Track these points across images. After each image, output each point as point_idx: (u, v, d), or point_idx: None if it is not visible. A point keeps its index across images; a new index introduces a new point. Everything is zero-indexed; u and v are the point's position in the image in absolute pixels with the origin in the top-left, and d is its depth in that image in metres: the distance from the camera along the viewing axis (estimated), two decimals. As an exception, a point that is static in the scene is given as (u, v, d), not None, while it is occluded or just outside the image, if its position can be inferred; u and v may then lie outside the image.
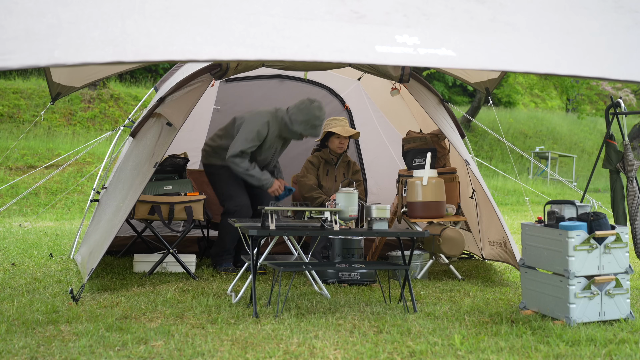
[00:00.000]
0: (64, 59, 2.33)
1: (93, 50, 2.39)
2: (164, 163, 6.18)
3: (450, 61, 2.74)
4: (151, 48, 2.46)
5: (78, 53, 2.37)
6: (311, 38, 2.67)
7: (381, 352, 3.75)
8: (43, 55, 2.33)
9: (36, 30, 2.42)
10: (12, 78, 17.93)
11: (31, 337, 3.93)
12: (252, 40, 2.57)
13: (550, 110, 26.91)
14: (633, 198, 5.15)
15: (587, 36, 3.06)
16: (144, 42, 2.47)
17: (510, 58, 2.86)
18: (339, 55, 2.60)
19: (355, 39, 2.71)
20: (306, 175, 6.56)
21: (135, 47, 2.44)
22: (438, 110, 6.01)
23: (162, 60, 2.45)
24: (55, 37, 2.40)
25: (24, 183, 12.04)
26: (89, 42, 2.41)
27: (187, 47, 2.49)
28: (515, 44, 2.93)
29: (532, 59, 2.85)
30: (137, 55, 2.43)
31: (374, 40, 2.70)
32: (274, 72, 7.17)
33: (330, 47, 2.64)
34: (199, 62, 2.49)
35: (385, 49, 2.66)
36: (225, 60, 2.52)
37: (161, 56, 2.45)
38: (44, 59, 2.32)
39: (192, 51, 2.49)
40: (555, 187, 17.04)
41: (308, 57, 2.55)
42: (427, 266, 6.19)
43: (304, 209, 4.96)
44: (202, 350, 3.74)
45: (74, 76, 5.78)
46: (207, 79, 5.64)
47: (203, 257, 6.86)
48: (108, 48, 2.41)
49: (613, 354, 3.74)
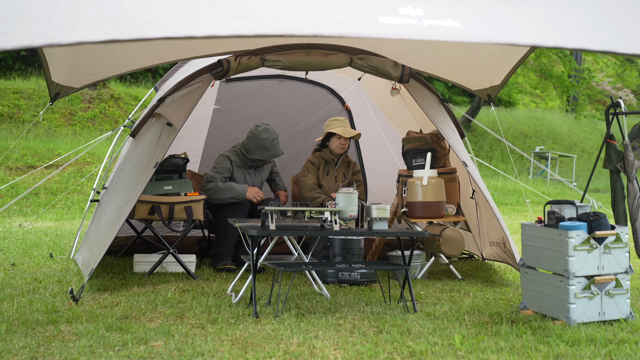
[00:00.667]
0: (58, 39, 2.30)
1: (88, 29, 2.35)
2: (164, 163, 6.18)
3: (454, 33, 2.66)
4: (148, 24, 2.41)
5: (73, 32, 2.33)
6: (312, 9, 2.59)
7: (381, 352, 3.75)
8: (37, 35, 2.30)
9: (30, 10, 2.38)
10: (12, 78, 17.93)
11: (31, 337, 3.93)
12: (251, 13, 2.51)
13: (550, 110, 26.90)
14: (634, 198, 5.15)
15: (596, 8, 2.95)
16: (141, 18, 2.42)
17: (516, 30, 2.76)
18: (341, 27, 2.52)
19: (358, 10, 2.63)
20: (306, 175, 6.57)
21: (131, 23, 2.40)
22: (438, 111, 6.01)
23: (159, 37, 2.40)
24: (50, 16, 2.36)
25: (24, 183, 12.04)
26: (84, 21, 2.37)
27: (184, 22, 2.44)
28: (522, 16, 2.83)
29: (538, 32, 2.75)
30: (132, 32, 2.38)
31: (377, 12, 2.63)
32: (274, 72, 7.17)
33: (332, 19, 2.57)
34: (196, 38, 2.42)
35: (388, 20, 2.59)
36: (224, 36, 2.46)
37: (158, 32, 2.40)
38: (38, 39, 2.29)
39: (189, 26, 2.43)
40: (555, 187, 17.03)
41: (309, 31, 2.48)
42: (427, 266, 6.19)
43: (304, 209, 4.96)
44: (202, 350, 3.74)
45: (73, 76, 5.77)
46: (208, 78, 5.64)
47: (203, 257, 6.86)
48: (103, 26, 2.37)
49: (613, 354, 3.74)
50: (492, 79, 6.29)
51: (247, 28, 2.46)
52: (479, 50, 5.96)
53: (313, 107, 7.59)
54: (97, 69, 5.86)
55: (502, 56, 5.94)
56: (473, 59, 6.09)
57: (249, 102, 7.47)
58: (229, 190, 6.26)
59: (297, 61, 5.61)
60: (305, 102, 7.59)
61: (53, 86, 5.74)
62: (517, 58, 5.91)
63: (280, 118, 7.52)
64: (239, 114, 7.42)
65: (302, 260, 5.17)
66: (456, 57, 6.09)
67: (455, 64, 6.23)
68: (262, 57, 5.55)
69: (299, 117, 7.58)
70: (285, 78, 7.44)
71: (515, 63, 5.99)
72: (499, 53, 5.92)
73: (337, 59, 5.67)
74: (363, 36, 2.60)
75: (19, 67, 18.80)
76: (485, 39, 2.76)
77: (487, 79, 6.31)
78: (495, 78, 6.28)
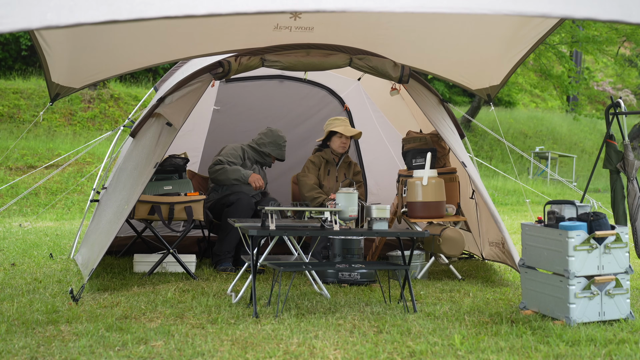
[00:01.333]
0: (56, 21, 2.28)
1: (86, 10, 2.33)
2: (164, 163, 6.18)
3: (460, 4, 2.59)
4: (146, 4, 2.39)
5: (71, 14, 2.31)
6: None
7: (381, 352, 3.75)
8: (35, 18, 2.28)
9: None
10: (12, 78, 17.93)
11: (31, 337, 3.93)
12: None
13: (550, 110, 26.89)
14: (634, 198, 5.15)
15: None
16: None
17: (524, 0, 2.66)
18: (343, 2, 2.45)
19: None
20: (307, 174, 6.57)
21: (129, 4, 2.37)
22: (437, 111, 6.00)
23: (158, 16, 2.36)
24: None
25: (24, 183, 12.04)
26: (82, 3, 2.35)
27: (183, 1, 2.41)
28: None
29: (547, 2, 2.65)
30: (131, 12, 2.36)
31: None
32: (274, 73, 7.17)
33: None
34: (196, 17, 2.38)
35: None
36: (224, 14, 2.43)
37: (157, 12, 2.37)
38: (36, 22, 2.27)
39: (189, 5, 2.39)
40: (555, 187, 17.03)
41: (310, 6, 2.43)
42: (427, 266, 6.19)
43: (304, 209, 4.96)
44: (202, 350, 3.74)
45: (73, 77, 5.77)
46: (207, 78, 5.64)
47: (203, 257, 6.86)
48: (102, 7, 2.35)
49: (613, 354, 3.74)
50: (492, 78, 6.29)
51: (247, 5, 2.44)
52: (479, 50, 5.96)
53: (313, 108, 7.59)
54: (97, 69, 5.86)
55: (502, 56, 5.94)
56: (473, 58, 6.09)
57: (248, 102, 7.47)
58: (234, 172, 6.45)
59: (297, 61, 5.61)
60: (305, 102, 7.60)
61: (53, 87, 5.74)
62: (517, 58, 5.91)
63: (280, 118, 7.52)
64: (238, 114, 7.43)
65: (302, 260, 5.17)
66: (456, 57, 6.09)
67: (455, 64, 6.23)
68: (262, 57, 5.56)
69: (299, 118, 7.58)
70: (285, 78, 7.44)
71: (515, 63, 5.99)
72: (499, 53, 5.92)
73: (337, 59, 5.67)
74: (366, 10, 2.55)
75: (19, 67, 18.80)
76: (492, 9, 2.66)
77: (487, 79, 6.31)
78: (495, 78, 6.28)
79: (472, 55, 6.04)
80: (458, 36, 5.69)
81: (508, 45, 5.75)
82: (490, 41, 5.78)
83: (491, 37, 5.70)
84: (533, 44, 5.63)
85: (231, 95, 7.42)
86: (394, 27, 5.39)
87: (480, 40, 5.74)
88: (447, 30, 5.59)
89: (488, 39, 5.74)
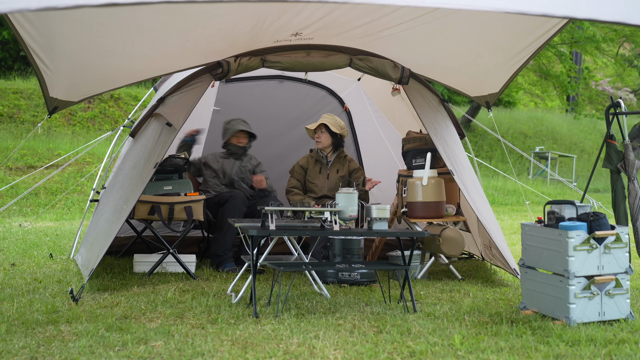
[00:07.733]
0: (55, 2, 2.26)
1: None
2: (164, 163, 6.18)
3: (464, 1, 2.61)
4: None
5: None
6: None
7: (381, 352, 3.75)
8: None
9: None
10: (12, 78, 17.93)
11: (31, 337, 3.93)
12: None
13: (550, 110, 26.89)
14: (634, 198, 5.15)
15: None
16: None
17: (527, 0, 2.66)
18: None
19: None
20: (292, 190, 6.71)
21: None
22: (435, 114, 5.98)
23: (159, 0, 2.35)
24: None
25: (24, 183, 12.03)
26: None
27: None
28: None
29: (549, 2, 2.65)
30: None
31: None
32: (273, 73, 7.16)
33: None
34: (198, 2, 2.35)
35: None
36: None
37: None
38: (34, 2, 2.26)
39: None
40: (555, 187, 17.03)
41: None
42: (427, 266, 6.19)
43: (304, 209, 4.96)
44: (202, 350, 3.74)
45: (70, 92, 5.74)
46: (207, 79, 5.63)
47: (203, 257, 6.86)
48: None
49: (613, 354, 3.74)
50: (491, 87, 6.29)
51: None
52: (479, 60, 5.92)
53: (313, 108, 7.58)
54: (95, 85, 5.82)
55: (502, 65, 5.92)
56: (472, 68, 6.07)
57: (248, 102, 7.47)
58: None
59: (297, 62, 5.61)
60: (304, 102, 7.59)
61: (51, 101, 5.69)
62: (516, 67, 5.88)
63: (280, 118, 7.51)
64: (238, 114, 7.41)
65: (302, 260, 5.17)
66: (455, 66, 6.07)
67: (454, 73, 6.22)
68: (262, 57, 5.55)
69: (299, 118, 7.58)
70: (285, 79, 7.44)
71: (513, 72, 5.97)
72: (499, 63, 5.90)
73: (337, 59, 5.67)
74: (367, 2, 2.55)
75: (19, 67, 18.79)
76: (495, 7, 2.67)
77: (486, 87, 6.31)
78: (494, 86, 6.27)
79: (471, 66, 6.03)
80: (458, 46, 5.68)
81: (508, 55, 5.73)
82: (490, 51, 5.76)
83: (491, 47, 5.68)
84: (531, 54, 5.63)
85: (231, 95, 7.41)
86: (393, 37, 5.38)
87: (480, 50, 5.72)
88: (447, 41, 5.57)
89: (488, 49, 5.72)
